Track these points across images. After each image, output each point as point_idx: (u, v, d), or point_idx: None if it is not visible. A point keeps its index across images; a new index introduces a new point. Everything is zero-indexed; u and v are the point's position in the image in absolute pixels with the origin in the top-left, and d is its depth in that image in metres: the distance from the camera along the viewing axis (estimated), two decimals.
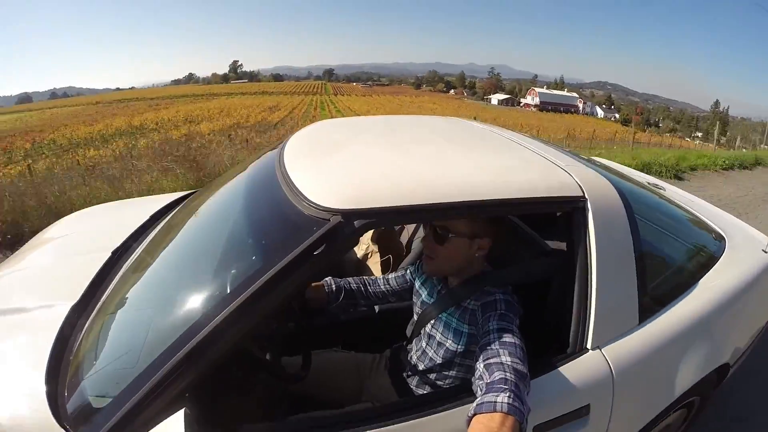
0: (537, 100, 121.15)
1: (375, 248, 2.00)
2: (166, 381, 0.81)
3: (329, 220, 0.88)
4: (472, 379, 0.89)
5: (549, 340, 1.15)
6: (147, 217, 1.74)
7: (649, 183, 2.24)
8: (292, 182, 1.04)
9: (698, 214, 1.93)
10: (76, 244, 1.74)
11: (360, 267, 2.02)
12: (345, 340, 1.53)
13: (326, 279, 1.36)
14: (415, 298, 1.31)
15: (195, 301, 1.00)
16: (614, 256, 1.15)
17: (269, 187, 1.14)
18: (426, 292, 1.25)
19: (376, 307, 1.66)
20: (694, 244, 1.67)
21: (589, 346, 1.10)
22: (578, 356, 1.08)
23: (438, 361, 1.13)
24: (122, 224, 1.70)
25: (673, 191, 2.33)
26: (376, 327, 1.60)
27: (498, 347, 0.90)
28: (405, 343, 1.30)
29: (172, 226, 1.52)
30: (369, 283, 1.42)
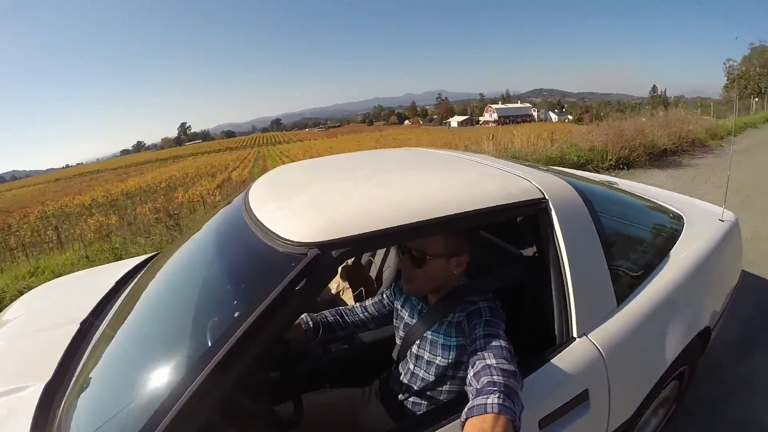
0: (495, 116, 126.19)
1: (346, 284, 2.03)
2: None
3: (306, 254, 0.89)
4: (465, 387, 0.91)
5: (537, 338, 1.19)
6: (112, 284, 1.69)
7: (601, 180, 2.39)
8: (263, 224, 1.05)
9: (654, 199, 2.07)
10: (39, 322, 1.64)
11: (335, 303, 2.04)
12: (331, 379, 1.51)
13: (302, 316, 1.33)
14: (396, 322, 1.30)
15: (179, 358, 0.97)
16: (582, 247, 1.22)
17: (239, 234, 1.15)
18: (407, 313, 1.25)
19: (359, 338, 1.65)
20: (656, 225, 1.79)
21: (575, 334, 1.15)
22: (567, 345, 1.13)
23: (430, 379, 1.13)
24: (85, 295, 1.64)
25: (624, 183, 2.49)
26: (359, 361, 1.59)
27: (485, 352, 0.92)
28: (393, 369, 1.29)
29: (142, 288, 1.46)
30: (346, 314, 1.40)
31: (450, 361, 1.10)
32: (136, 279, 1.66)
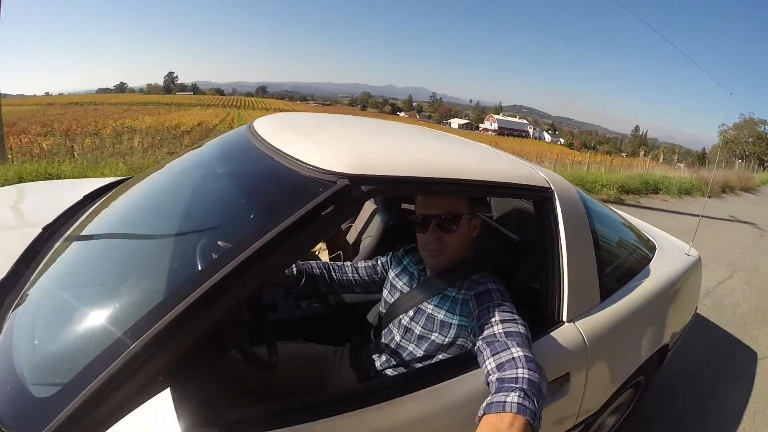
0: (495, 126, 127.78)
1: (323, 246, 2.02)
2: (138, 360, 0.69)
3: (336, 182, 0.87)
4: (484, 374, 0.86)
5: (526, 318, 1.24)
6: (80, 197, 1.59)
7: None
8: (285, 153, 1.01)
9: (632, 223, 2.17)
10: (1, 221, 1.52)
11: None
12: (300, 335, 1.48)
13: None
14: (387, 291, 1.24)
15: (176, 265, 0.91)
16: (579, 239, 1.27)
17: (251, 159, 1.11)
18: (403, 282, 1.20)
19: (333, 298, 1.63)
20: (633, 243, 1.89)
21: (564, 319, 1.20)
22: (557, 327, 1.18)
23: (418, 354, 1.08)
24: (51, 203, 1.53)
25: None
26: (330, 321, 1.58)
27: (506, 340, 0.87)
28: (372, 336, 1.24)
29: (118, 203, 1.38)
30: (334, 269, 1.34)
31: (447, 340, 1.05)
32: (109, 194, 1.56)
